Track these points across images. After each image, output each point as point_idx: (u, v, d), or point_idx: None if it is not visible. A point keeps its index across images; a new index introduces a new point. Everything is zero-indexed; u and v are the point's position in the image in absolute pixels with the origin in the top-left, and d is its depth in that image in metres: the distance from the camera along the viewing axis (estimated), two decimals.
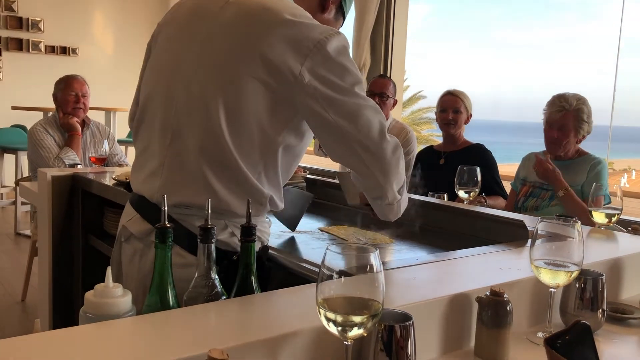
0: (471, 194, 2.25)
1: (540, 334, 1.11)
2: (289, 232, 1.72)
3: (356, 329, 0.77)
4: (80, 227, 2.37)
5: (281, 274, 1.30)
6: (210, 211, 1.02)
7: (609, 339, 1.16)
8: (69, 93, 3.35)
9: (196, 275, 1.02)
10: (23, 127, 6.02)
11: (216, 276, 1.02)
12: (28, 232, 4.60)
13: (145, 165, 1.31)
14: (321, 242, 1.64)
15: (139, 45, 7.16)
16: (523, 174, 2.71)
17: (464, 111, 2.97)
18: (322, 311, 0.77)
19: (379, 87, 3.32)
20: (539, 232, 1.09)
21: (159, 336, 0.83)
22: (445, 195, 2.29)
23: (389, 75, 4.30)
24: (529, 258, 1.09)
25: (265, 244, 1.33)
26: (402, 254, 1.60)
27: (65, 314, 2.40)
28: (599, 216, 1.72)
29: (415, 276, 1.16)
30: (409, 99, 17.68)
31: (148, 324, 0.88)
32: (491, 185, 2.75)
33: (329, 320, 0.77)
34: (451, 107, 2.96)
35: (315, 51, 1.16)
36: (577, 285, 1.16)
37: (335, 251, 0.77)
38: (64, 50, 7.09)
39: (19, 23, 6.80)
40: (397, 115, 3.98)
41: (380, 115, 1.23)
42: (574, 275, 1.08)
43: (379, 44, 4.58)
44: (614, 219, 1.70)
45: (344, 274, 0.77)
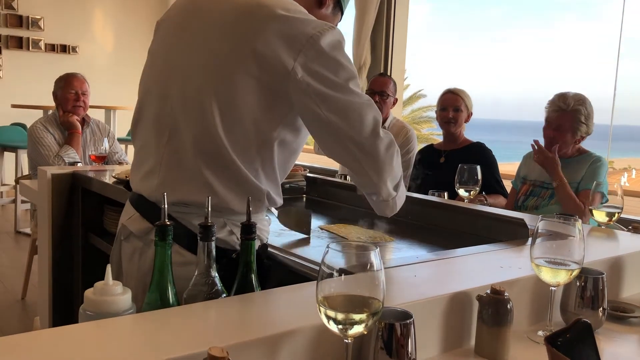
0: (471, 192, 2.25)
1: (540, 333, 1.11)
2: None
3: (356, 327, 0.77)
4: (80, 225, 2.37)
5: (281, 272, 1.30)
6: (210, 209, 1.02)
7: (610, 337, 1.16)
8: (69, 91, 3.35)
9: (196, 273, 1.02)
10: (23, 125, 6.01)
11: (216, 274, 1.02)
12: (28, 230, 4.60)
13: (143, 163, 1.31)
14: (321, 241, 1.64)
15: (139, 43, 7.17)
16: (524, 173, 2.71)
17: (465, 110, 2.97)
18: (322, 309, 0.77)
19: (379, 85, 3.32)
20: (539, 230, 1.09)
21: (159, 334, 0.83)
22: (446, 194, 2.29)
23: (389, 74, 4.30)
24: (530, 256, 1.09)
25: (265, 242, 1.33)
26: (402, 252, 1.59)
27: (65, 312, 2.40)
28: (599, 215, 1.72)
29: (415, 274, 1.16)
30: (409, 97, 17.68)
31: (148, 322, 0.88)
32: (491, 183, 2.75)
33: (329, 318, 0.77)
34: (451, 106, 2.96)
35: (308, 46, 1.15)
36: (578, 284, 1.16)
37: (335, 249, 0.77)
38: (64, 49, 7.09)
39: (19, 21, 6.80)
40: (397, 113, 3.98)
41: (374, 111, 1.21)
42: (575, 273, 1.08)
43: (379, 42, 4.58)
44: (614, 217, 1.70)
45: (344, 272, 0.77)
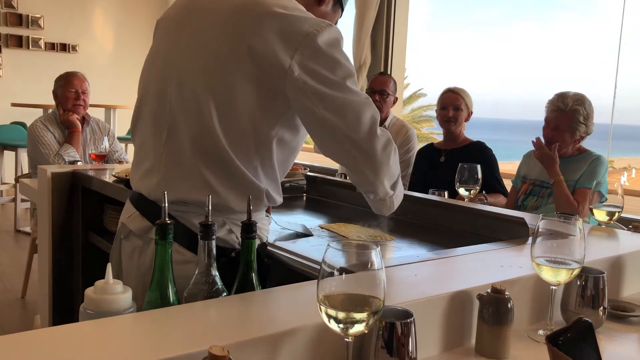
0: (472, 191, 2.25)
1: (541, 332, 1.11)
2: (289, 230, 1.71)
3: (357, 326, 0.77)
4: (80, 224, 2.36)
5: (281, 271, 1.30)
6: (210, 208, 1.02)
7: (610, 336, 1.15)
8: (69, 90, 3.34)
9: (196, 272, 1.02)
10: (23, 124, 6.01)
11: (216, 273, 1.02)
12: (28, 229, 4.60)
13: (143, 162, 1.31)
14: (321, 240, 1.64)
15: (139, 42, 7.17)
16: (524, 172, 2.70)
17: (465, 109, 2.96)
18: (323, 308, 0.77)
19: (379, 84, 3.32)
20: (540, 229, 1.09)
21: (160, 333, 0.83)
22: (446, 193, 2.29)
23: (389, 73, 4.30)
24: (530, 255, 1.09)
25: (264, 241, 1.33)
26: (402, 251, 1.59)
27: (65, 310, 2.39)
28: (600, 214, 1.71)
29: (416, 273, 1.16)
30: (409, 96, 17.67)
31: (148, 321, 0.88)
32: (492, 182, 2.75)
33: (329, 317, 0.77)
34: (452, 105, 2.95)
35: (305, 44, 1.14)
36: (578, 283, 1.16)
37: (336, 248, 0.77)
38: (63, 47, 7.08)
39: (19, 20, 6.79)
40: (397, 112, 3.98)
41: (372, 110, 1.20)
42: (575, 272, 1.07)
43: (380, 41, 4.57)
44: (614, 216, 1.70)
45: (344, 271, 0.77)
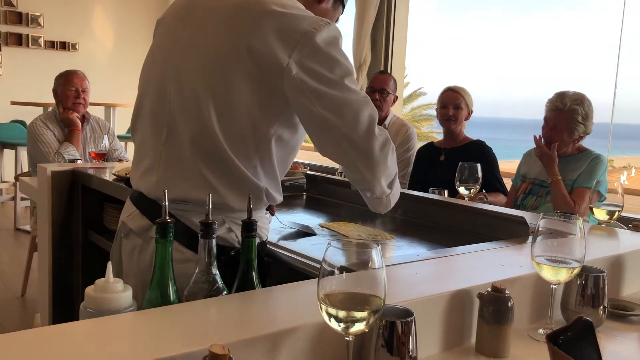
0: (472, 190, 2.25)
1: (541, 331, 1.11)
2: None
3: (358, 325, 0.77)
4: (80, 222, 2.36)
5: (281, 270, 1.30)
6: (210, 206, 1.02)
7: (610, 335, 1.15)
8: (69, 88, 3.34)
9: (197, 270, 1.02)
10: (22, 123, 6.01)
11: (217, 271, 1.02)
12: (28, 227, 4.60)
13: (142, 160, 1.31)
14: (321, 238, 1.64)
15: (139, 41, 7.16)
16: (523, 171, 2.70)
17: (465, 107, 2.96)
18: (323, 307, 0.77)
19: (379, 83, 3.31)
20: (540, 228, 1.09)
21: (160, 331, 0.83)
22: (446, 192, 2.29)
23: (389, 72, 4.29)
24: (531, 254, 1.09)
25: (264, 240, 1.33)
26: (402, 250, 1.60)
27: (65, 309, 2.40)
28: (600, 213, 1.72)
29: (416, 272, 1.16)
30: (409, 95, 17.66)
31: (149, 319, 0.88)
32: (492, 181, 2.75)
33: (330, 315, 0.77)
34: (452, 103, 2.95)
35: (303, 42, 1.13)
36: (579, 282, 1.16)
37: (336, 247, 0.77)
38: (63, 46, 7.08)
39: (19, 18, 6.78)
40: (397, 111, 3.98)
41: (370, 109, 1.20)
42: (576, 271, 1.08)
43: (380, 40, 4.57)
44: (615, 215, 1.70)
45: (345, 269, 0.77)
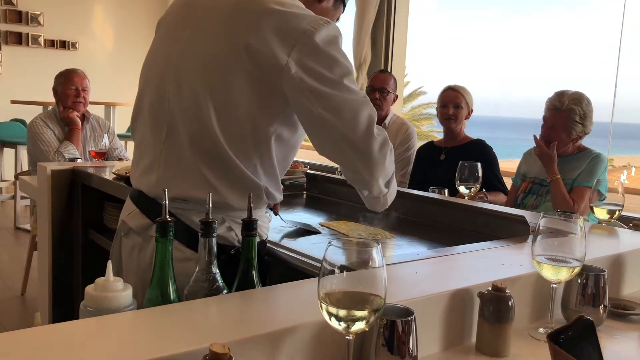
0: (472, 189, 2.25)
1: (541, 330, 1.11)
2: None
3: (358, 324, 0.77)
4: (80, 221, 2.36)
5: (281, 269, 1.30)
6: (211, 205, 1.02)
7: (611, 335, 1.15)
8: (69, 87, 3.34)
9: (197, 269, 1.02)
10: (22, 121, 6.01)
11: (217, 270, 1.01)
12: (28, 226, 4.60)
13: (142, 159, 1.31)
14: (321, 237, 1.64)
15: (139, 40, 7.16)
16: (524, 170, 2.70)
17: (465, 106, 2.96)
18: (324, 306, 0.77)
19: (379, 82, 3.31)
20: (540, 227, 1.09)
21: (160, 330, 0.83)
22: (446, 191, 2.29)
23: (389, 71, 4.29)
24: (531, 253, 1.09)
25: (264, 238, 1.33)
26: (402, 249, 1.60)
27: (65, 308, 2.40)
28: (600, 212, 1.71)
29: (416, 271, 1.16)
30: (409, 94, 17.66)
31: (149, 318, 0.87)
32: (492, 180, 2.75)
33: (330, 314, 0.77)
34: (452, 102, 2.95)
35: (302, 42, 1.13)
36: (579, 281, 1.16)
37: (337, 246, 0.77)
38: (63, 44, 7.08)
39: (19, 17, 6.78)
40: (397, 110, 3.97)
41: (369, 109, 1.20)
42: (576, 271, 1.07)
43: (380, 39, 4.57)
44: (615, 215, 1.70)
45: (345, 268, 0.77)
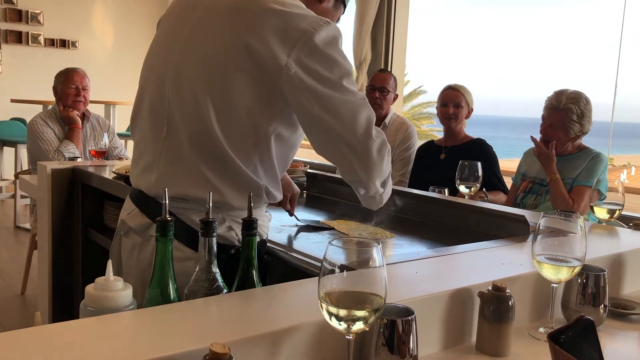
0: (472, 188, 2.25)
1: (542, 329, 1.11)
2: (289, 227, 1.71)
3: (358, 324, 0.77)
4: (80, 220, 2.36)
5: (281, 269, 1.30)
6: (211, 205, 1.01)
7: (611, 334, 1.15)
8: (69, 86, 3.34)
9: (197, 269, 1.02)
10: (22, 120, 6.00)
11: (217, 270, 1.01)
12: (28, 225, 4.60)
13: (142, 158, 1.30)
14: (322, 237, 1.64)
15: (139, 38, 7.16)
16: (524, 169, 2.70)
17: (465, 106, 2.96)
18: (324, 306, 0.77)
19: (379, 81, 3.31)
20: (541, 227, 1.08)
21: (160, 330, 0.83)
22: (446, 190, 2.29)
23: (389, 70, 4.29)
24: (531, 253, 1.09)
25: (264, 238, 1.32)
26: (402, 248, 1.59)
27: (65, 307, 2.40)
28: (600, 212, 1.71)
29: (416, 271, 1.16)
30: (409, 93, 17.65)
31: (149, 318, 0.87)
32: (492, 180, 2.75)
33: (331, 314, 0.77)
34: (452, 102, 2.95)
35: (302, 42, 1.13)
36: (579, 281, 1.16)
37: (337, 245, 0.77)
38: (63, 43, 7.07)
39: (19, 15, 6.78)
40: (397, 109, 3.97)
41: (368, 110, 1.19)
42: (576, 270, 1.07)
43: (380, 38, 4.56)
44: (615, 214, 1.70)
45: (345, 268, 0.77)
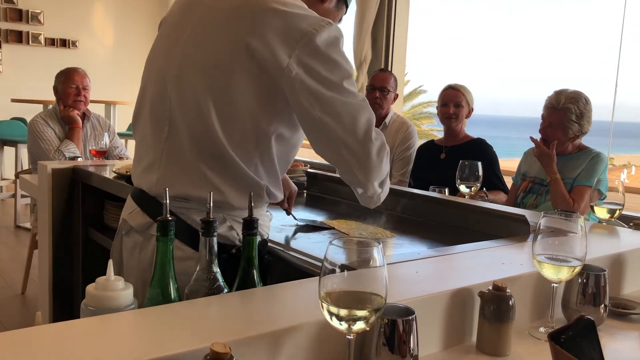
0: (472, 188, 2.25)
1: (542, 329, 1.11)
2: (290, 226, 1.71)
3: (359, 323, 0.77)
4: (81, 220, 2.37)
5: (282, 268, 1.30)
6: (212, 204, 1.02)
7: (611, 334, 1.15)
8: (69, 85, 3.34)
9: (198, 268, 1.02)
10: (23, 120, 6.00)
11: (218, 269, 1.01)
12: (28, 224, 4.60)
13: (143, 158, 1.30)
14: (322, 236, 1.64)
15: (139, 38, 7.15)
16: (524, 169, 2.70)
17: (465, 105, 2.96)
18: (325, 305, 0.77)
19: (379, 81, 3.31)
20: (541, 227, 1.08)
21: (161, 330, 0.83)
22: (447, 190, 2.29)
23: (389, 69, 4.29)
24: (532, 253, 1.09)
25: (265, 237, 1.33)
26: (403, 248, 1.59)
27: (66, 306, 2.40)
28: (600, 211, 1.71)
29: (417, 270, 1.16)
30: (409, 93, 17.66)
31: (150, 318, 0.87)
32: (492, 179, 2.75)
33: (331, 314, 0.77)
34: (452, 101, 2.95)
35: (303, 43, 1.13)
36: (580, 281, 1.16)
37: (337, 245, 0.77)
38: (63, 43, 7.07)
39: (19, 15, 6.77)
40: (397, 109, 3.97)
41: (368, 112, 1.19)
42: (577, 270, 1.07)
43: (380, 38, 4.56)
44: (616, 214, 1.70)
45: (346, 268, 0.77)
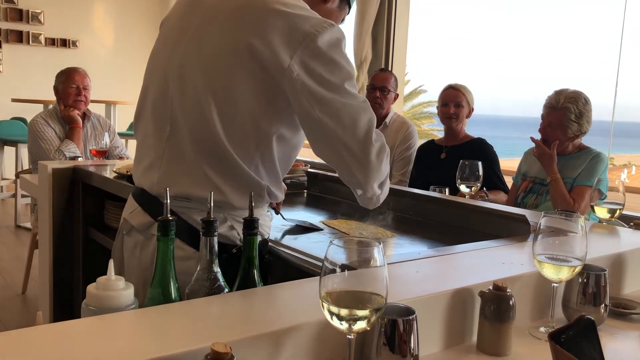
0: (473, 188, 2.25)
1: (542, 329, 1.11)
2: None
3: (359, 323, 0.77)
4: (81, 219, 2.37)
5: (282, 268, 1.30)
6: (212, 204, 1.02)
7: (611, 334, 1.15)
8: (70, 85, 3.34)
9: (198, 268, 1.02)
10: (23, 120, 6.01)
11: (218, 269, 1.01)
12: (28, 224, 4.60)
13: (144, 157, 1.31)
14: (322, 236, 1.64)
15: (140, 38, 7.16)
16: (524, 169, 2.70)
17: (466, 105, 2.96)
18: (325, 305, 0.77)
19: (380, 80, 3.31)
20: (541, 226, 1.09)
21: (162, 329, 0.83)
22: (447, 190, 2.29)
23: (390, 69, 4.29)
24: (532, 253, 1.09)
25: (266, 237, 1.33)
26: (403, 248, 1.60)
27: (66, 306, 2.40)
28: (601, 211, 1.71)
29: (417, 270, 1.16)
30: (410, 93, 17.65)
31: (150, 317, 0.88)
32: (492, 179, 2.75)
33: (332, 314, 0.77)
34: (453, 101, 2.95)
35: (305, 44, 1.13)
36: (580, 280, 1.16)
37: (338, 245, 0.77)
38: (64, 43, 7.07)
39: (19, 15, 6.78)
40: (398, 109, 3.97)
41: (369, 114, 1.20)
42: (577, 270, 1.07)
43: (381, 37, 4.56)
44: (616, 214, 1.70)
45: (347, 267, 0.77)
